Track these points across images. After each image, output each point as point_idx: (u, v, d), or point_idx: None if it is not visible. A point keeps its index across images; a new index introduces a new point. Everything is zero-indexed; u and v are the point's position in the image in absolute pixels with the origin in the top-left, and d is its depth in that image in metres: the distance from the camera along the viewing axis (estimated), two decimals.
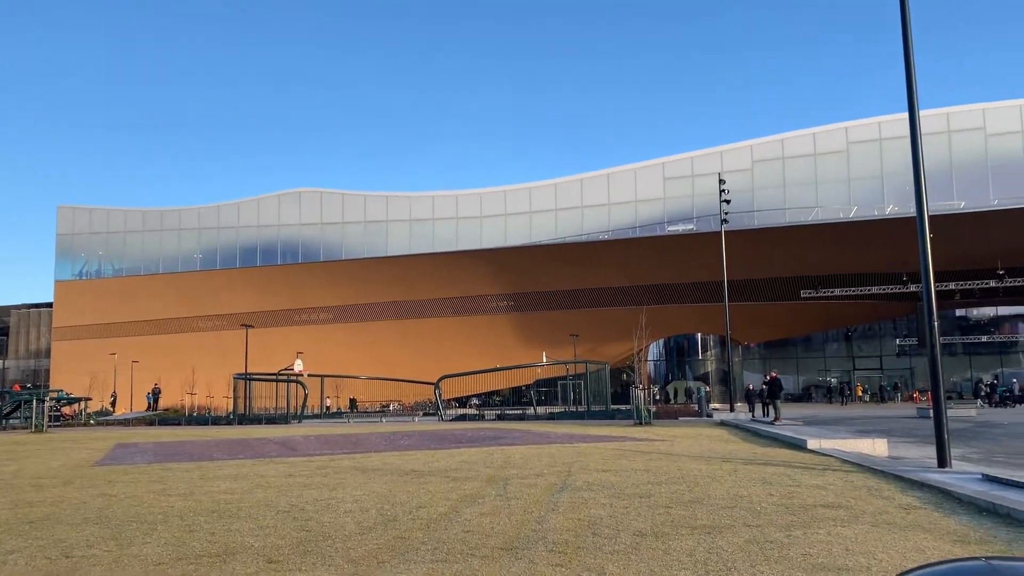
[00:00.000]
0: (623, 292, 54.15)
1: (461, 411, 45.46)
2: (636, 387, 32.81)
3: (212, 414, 49.30)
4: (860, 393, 58.12)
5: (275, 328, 62.87)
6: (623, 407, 37.80)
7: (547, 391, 52.14)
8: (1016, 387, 46.60)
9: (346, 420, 39.61)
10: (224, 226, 66.32)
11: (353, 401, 50.87)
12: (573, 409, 40.99)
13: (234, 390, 41.31)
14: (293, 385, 40.93)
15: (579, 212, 57.30)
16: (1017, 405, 44.08)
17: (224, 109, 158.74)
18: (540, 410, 41.71)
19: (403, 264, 57.96)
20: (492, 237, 58.43)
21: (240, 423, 38.14)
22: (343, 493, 11.00)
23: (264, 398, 43.49)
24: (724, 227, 40.69)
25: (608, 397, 41.19)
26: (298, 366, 43.79)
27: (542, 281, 55.47)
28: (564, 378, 44.81)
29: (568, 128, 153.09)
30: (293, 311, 64.35)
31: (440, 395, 40.58)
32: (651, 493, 10.41)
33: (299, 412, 39.90)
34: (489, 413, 41.11)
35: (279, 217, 64.88)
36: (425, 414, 43.11)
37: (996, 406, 39.89)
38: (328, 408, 47.20)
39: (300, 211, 63.98)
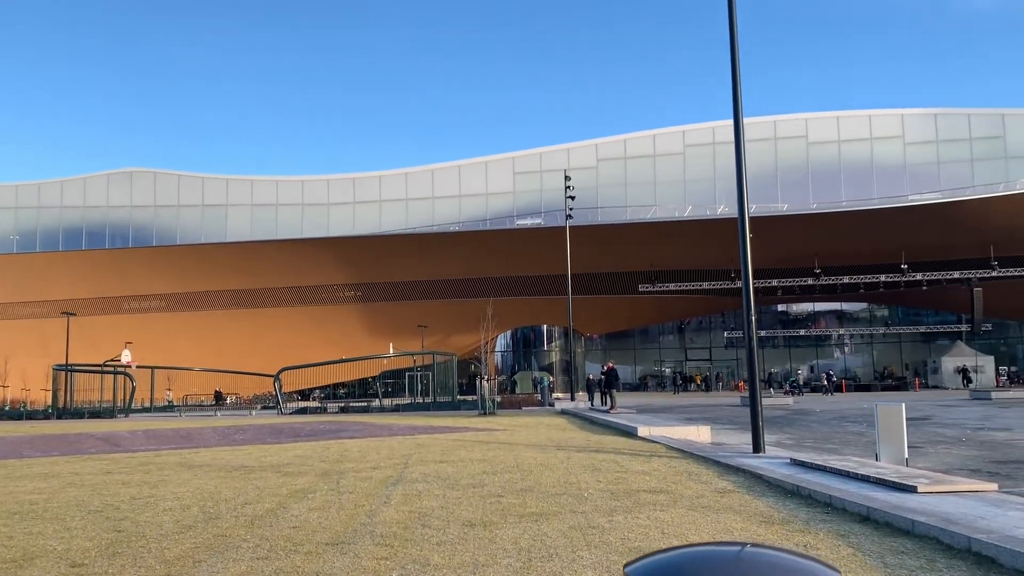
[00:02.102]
0: (472, 284, 54.52)
1: (303, 404, 44.34)
2: (482, 378, 33.17)
3: (28, 408, 45.59)
4: (699, 381, 61.38)
5: (102, 316, 58.79)
6: (470, 398, 38.12)
7: (394, 383, 51.75)
8: (824, 378, 50.72)
9: (178, 414, 37.68)
10: (45, 206, 61.32)
11: (219, 394, 48.62)
12: (420, 401, 40.92)
13: (54, 382, 38.41)
14: (120, 377, 38.51)
15: (430, 203, 57.17)
16: (804, 394, 47.76)
17: (52, 84, 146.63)
18: (386, 402, 41.34)
19: (244, 251, 55.68)
20: (340, 225, 57.24)
21: (59, 418, 35.52)
22: (164, 490, 10.45)
23: (88, 391, 40.77)
24: (569, 222, 41.82)
25: (455, 388, 41.41)
26: (126, 357, 41.20)
27: (391, 271, 54.91)
28: (411, 369, 44.64)
29: (419, 121, 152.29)
30: (122, 298, 60.40)
31: (280, 387, 39.40)
32: (485, 483, 10.53)
33: (126, 406, 37.58)
34: (332, 406, 40.35)
35: (108, 198, 60.72)
36: (264, 407, 41.75)
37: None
38: (171, 402, 44.81)
39: (131, 192, 60.16)
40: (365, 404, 40.33)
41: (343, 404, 40.68)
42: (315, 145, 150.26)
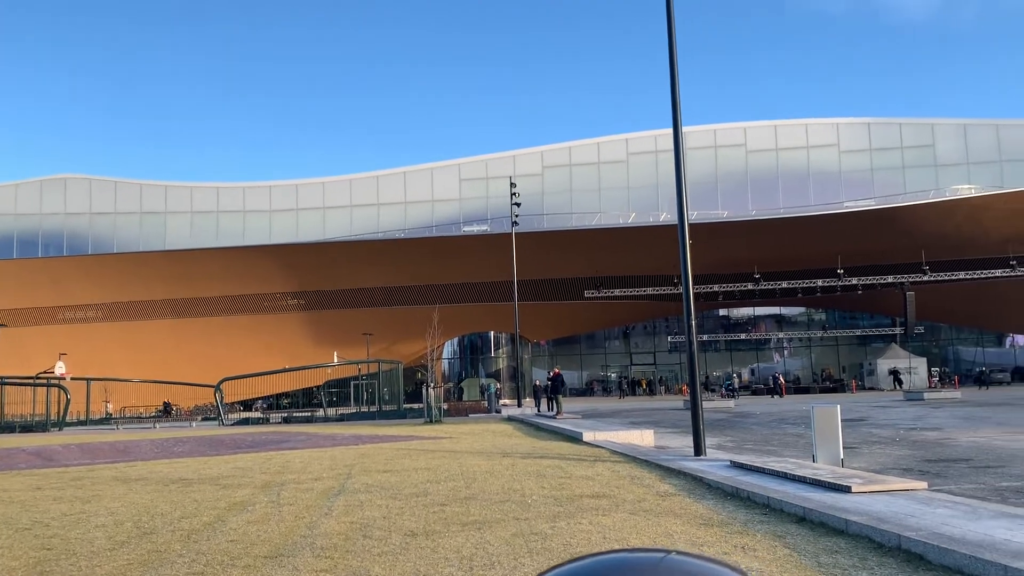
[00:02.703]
0: (419, 290, 54.26)
1: (245, 415, 43.55)
2: (429, 385, 32.99)
3: None
4: (644, 385, 62.02)
5: (34, 327, 56.90)
6: (416, 406, 37.90)
7: (339, 392, 51.15)
8: (771, 380, 51.92)
9: (115, 427, 36.65)
10: None
11: (167, 405, 47.36)
12: (365, 409, 40.54)
13: None
14: (54, 390, 37.30)
15: (375, 209, 56.78)
16: (739, 397, 48.68)
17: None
18: (331, 412, 40.84)
19: (184, 259, 54.49)
20: (283, 232, 56.46)
21: None
22: (98, 506, 10.14)
23: (19, 404, 39.36)
24: (515, 229, 41.96)
25: (401, 396, 41.12)
26: (60, 369, 39.93)
27: (336, 279, 54.31)
28: (357, 378, 44.19)
29: (366, 126, 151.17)
30: (56, 308, 58.55)
31: (221, 398, 38.62)
32: (429, 491, 10.47)
33: (60, 419, 36.42)
34: (275, 416, 39.69)
35: (41, 205, 58.86)
36: (205, 419, 40.88)
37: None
38: (109, 414, 43.54)
39: (65, 199, 58.40)
40: (309, 414, 39.77)
41: (286, 414, 40.05)
42: (273, 150, 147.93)
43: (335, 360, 45.74)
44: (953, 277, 49.14)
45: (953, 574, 5.61)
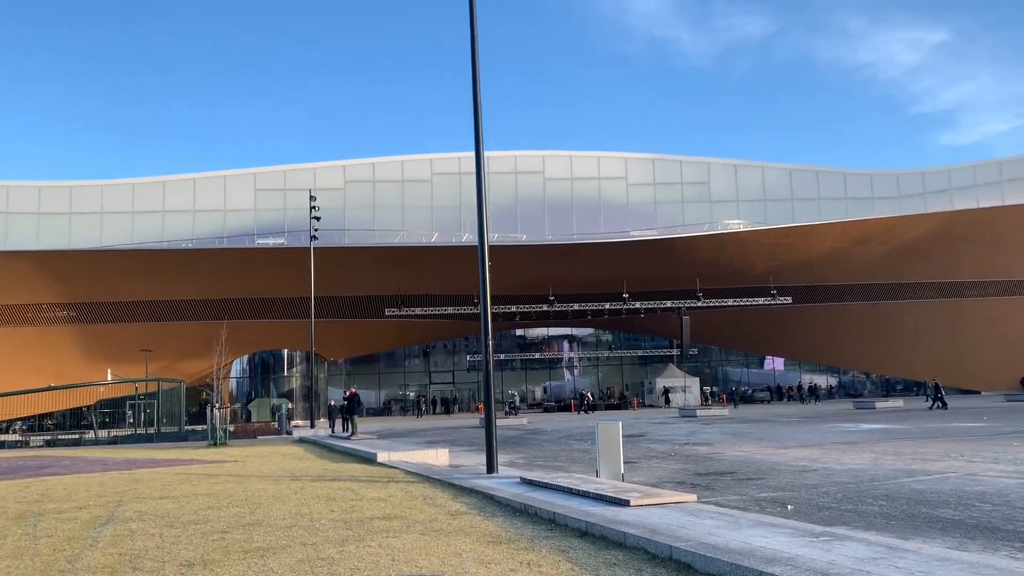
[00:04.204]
0: (207, 305, 51.27)
1: (1, 437, 39.06)
2: (214, 406, 31.33)
3: None
4: (442, 404, 62.17)
5: None
6: (200, 428, 35.74)
7: (112, 412, 47.10)
8: (580, 398, 54.50)
9: None
10: None
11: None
12: (143, 431, 37.69)
13: None
14: None
15: (160, 216, 53.18)
16: (519, 414, 50.09)
17: None
18: (103, 433, 37.50)
19: None
20: (53, 238, 51.41)
21: None
22: None
23: None
24: (314, 243, 40.87)
25: (183, 418, 38.63)
26: None
27: (113, 290, 50.07)
28: (133, 397, 40.89)
29: (150, 132, 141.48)
30: None
31: None
32: (209, 518, 9.88)
33: None
34: (37, 439, 35.90)
35: None
36: None
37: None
38: None
39: None
40: (77, 436, 36.28)
41: (50, 436, 36.32)
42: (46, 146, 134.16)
43: (109, 378, 42.11)
44: (723, 303, 53.70)
45: None
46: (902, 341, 57.48)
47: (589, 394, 58.24)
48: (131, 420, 40.29)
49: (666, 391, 58.54)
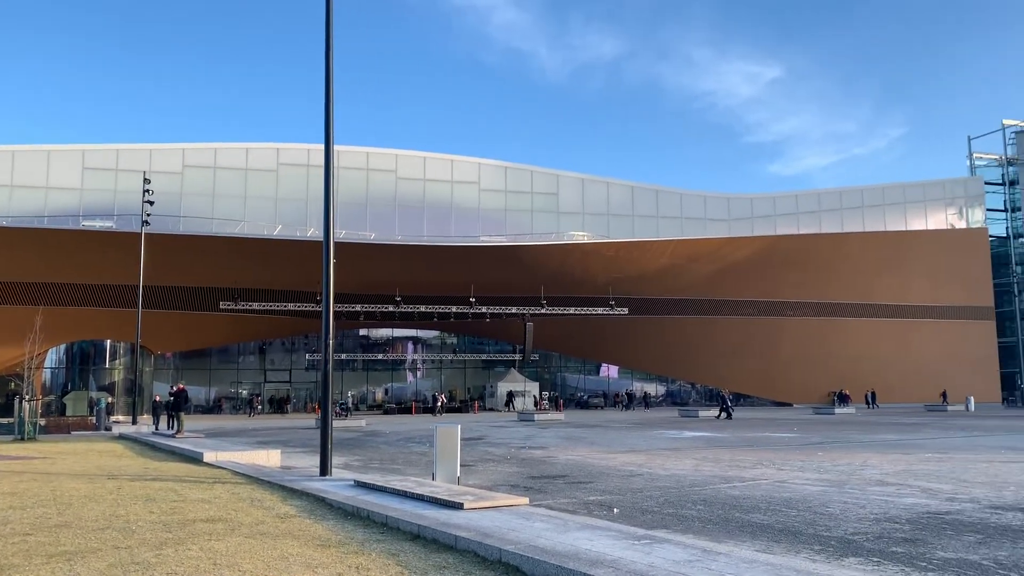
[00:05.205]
0: (18, 288, 47.09)
1: None
2: (23, 398, 28.98)
3: None
4: (274, 403, 60.03)
5: None
6: (6, 421, 32.86)
7: None
8: (432, 400, 54.31)
9: None
10: None
11: None
12: None
13: None
14: None
15: None
16: (348, 417, 49.32)
17: None
18: None
19: None
20: None
21: None
22: None
23: None
24: (146, 229, 38.56)
25: None
26: None
27: None
28: None
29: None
30: None
31: None
32: (10, 519, 9.10)
33: None
34: None
35: None
36: None
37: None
38: None
39: None
40: None
41: None
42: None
43: None
44: (566, 312, 55.23)
45: None
46: (725, 354, 61.24)
47: (443, 396, 58.06)
48: None
49: (511, 395, 59.40)
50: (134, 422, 37.78)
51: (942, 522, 9.58)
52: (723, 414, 42.46)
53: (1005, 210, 76.27)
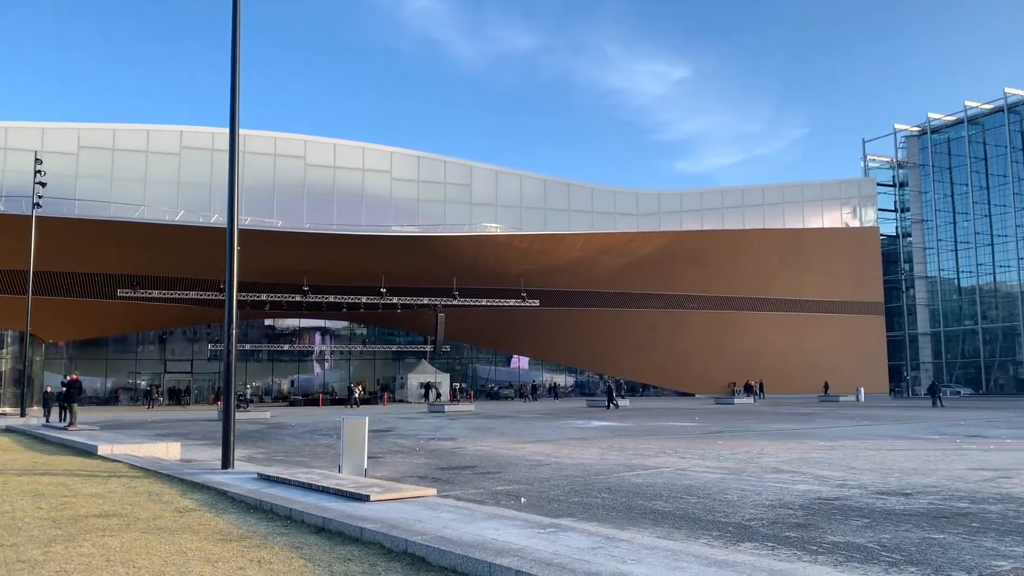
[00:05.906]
0: None
1: None
2: None
3: None
4: (168, 395, 58.07)
5: None
6: None
7: None
8: (347, 392, 53.58)
9: None
10: None
11: None
12: None
13: None
14: None
15: None
16: (250, 409, 48.38)
17: None
18: None
19: None
20: None
21: None
22: None
23: None
24: (37, 212, 36.62)
25: None
26: None
27: None
28: None
29: None
30: None
31: None
32: None
33: None
34: None
35: None
36: None
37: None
38: None
39: None
40: None
41: None
42: None
43: None
44: (478, 303, 55.28)
45: (450, 573, 6.25)
46: (631, 346, 62.58)
47: (360, 388, 57.06)
48: None
49: (426, 387, 59.01)
50: (23, 414, 35.95)
51: (832, 507, 10.08)
52: (611, 405, 43.15)
53: (895, 210, 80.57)
